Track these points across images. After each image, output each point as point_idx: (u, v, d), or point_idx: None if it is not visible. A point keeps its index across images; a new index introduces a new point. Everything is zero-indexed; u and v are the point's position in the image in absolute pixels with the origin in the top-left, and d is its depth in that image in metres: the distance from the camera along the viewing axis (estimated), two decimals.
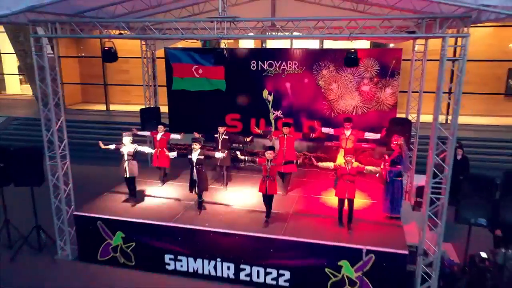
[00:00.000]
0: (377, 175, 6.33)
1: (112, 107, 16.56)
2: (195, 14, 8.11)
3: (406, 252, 5.37)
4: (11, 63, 21.32)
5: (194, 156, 6.48)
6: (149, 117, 8.64)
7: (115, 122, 14.31)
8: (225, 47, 6.89)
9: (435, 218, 5.36)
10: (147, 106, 9.16)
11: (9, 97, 20.63)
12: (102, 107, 16.77)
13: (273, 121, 8.86)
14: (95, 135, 11.85)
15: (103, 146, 6.86)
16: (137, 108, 15.08)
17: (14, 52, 17.66)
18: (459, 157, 7.96)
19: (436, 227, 5.37)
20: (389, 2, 6.11)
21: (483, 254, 5.77)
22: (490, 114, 13.99)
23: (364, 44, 12.43)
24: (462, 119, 13.20)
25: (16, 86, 21.56)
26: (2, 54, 20.79)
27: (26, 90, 21.37)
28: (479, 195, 5.13)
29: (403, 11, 6.27)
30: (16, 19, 6.06)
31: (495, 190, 5.15)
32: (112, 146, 6.81)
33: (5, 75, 21.16)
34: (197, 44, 10.32)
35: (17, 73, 21.67)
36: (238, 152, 6.62)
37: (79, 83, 17.64)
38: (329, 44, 10.04)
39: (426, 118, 7.93)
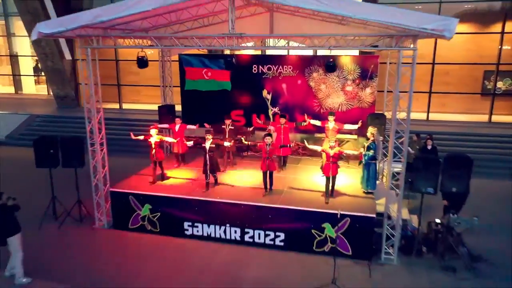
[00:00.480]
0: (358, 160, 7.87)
1: (125, 106, 18.09)
2: (205, 26, 9.62)
3: (373, 215, 6.90)
4: (27, 65, 22.86)
5: (207, 144, 8.00)
6: (165, 113, 10.16)
7: (128, 119, 15.82)
8: (233, 55, 8.35)
9: (395, 189, 6.90)
10: (163, 104, 10.69)
11: (25, 96, 22.11)
12: (116, 105, 18.29)
13: (271, 117, 10.37)
14: (113, 130, 13.39)
15: (134, 137, 8.38)
16: (147, 106, 16.66)
17: (34, 55, 19.29)
18: (429, 147, 9.37)
19: (398, 195, 6.91)
20: (361, 23, 7.63)
21: (437, 220, 7.31)
22: (469, 112, 15.48)
23: (352, 51, 13.96)
24: (444, 116, 14.87)
25: (31, 86, 23.04)
26: (18, 57, 22.35)
27: (41, 90, 22.91)
28: (428, 171, 6.67)
29: (371, 29, 7.79)
30: (65, 34, 7.56)
31: (439, 168, 6.69)
32: (141, 137, 8.34)
33: (21, 76, 22.67)
34: (205, 51, 11.80)
35: (32, 74, 23.24)
36: (242, 138, 8.16)
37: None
38: (321, 51, 11.54)
39: (404, 115, 9.43)
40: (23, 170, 11.24)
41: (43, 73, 22.24)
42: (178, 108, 10.97)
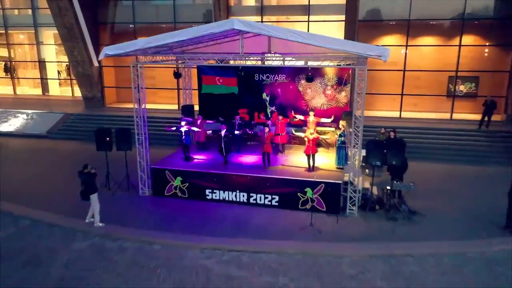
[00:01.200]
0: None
1: (149, 106, 20.94)
2: (218, 43, 12.51)
3: (340, 182, 9.86)
4: (53, 70, 25.76)
5: (223, 133, 10.97)
6: (187, 110, 13.11)
7: (149, 117, 18.70)
8: (241, 68, 11.18)
9: (354, 162, 9.87)
10: (184, 104, 13.64)
11: (52, 98, 25.02)
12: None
13: (269, 114, 13.29)
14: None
15: (168, 129, 11.35)
16: (162, 106, 19.47)
17: (59, 61, 22.24)
18: (392, 137, 12.28)
19: (360, 170, 9.88)
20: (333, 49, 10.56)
21: (388, 186, 10.26)
22: (435, 111, 18.45)
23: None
24: (416, 115, 17.74)
25: (56, 89, 25.94)
26: (46, 63, 25.24)
27: (64, 92, 25.78)
28: (378, 149, 9.63)
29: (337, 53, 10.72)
30: (123, 55, 10.49)
31: (384, 147, 9.66)
32: (174, 128, 11.30)
33: (48, 80, 25.58)
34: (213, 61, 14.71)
35: (57, 78, 26.13)
36: (247, 129, 11.15)
37: (116, 87, 22.09)
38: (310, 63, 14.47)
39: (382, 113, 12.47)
40: (69, 156, 14.22)
41: (67, 77, 25.29)
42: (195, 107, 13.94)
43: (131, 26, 20.61)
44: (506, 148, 14.68)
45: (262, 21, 18.92)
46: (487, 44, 17.55)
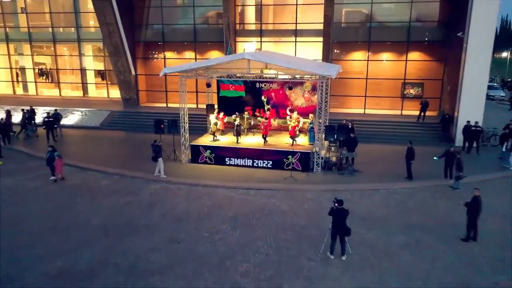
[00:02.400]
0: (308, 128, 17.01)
1: (170, 105, 27.06)
2: (232, 62, 18.53)
3: (310, 151, 16.00)
4: (91, 76, 31.77)
5: (236, 122, 17.10)
6: (210, 108, 19.18)
7: (174, 114, 24.70)
8: (248, 81, 17.23)
9: (320, 141, 16.00)
10: (208, 103, 19.73)
11: (91, 99, 30.99)
12: (163, 104, 27.29)
13: (267, 111, 19.33)
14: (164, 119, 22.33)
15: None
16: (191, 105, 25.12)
17: (96, 68, 28.29)
18: (350, 126, 18.34)
19: (323, 145, 16.01)
20: (306, 70, 16.70)
21: (345, 155, 16.35)
22: (392, 108, 24.50)
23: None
24: (376, 111, 23.74)
25: (94, 91, 31.94)
26: (86, 70, 31.24)
27: (100, 94, 31.77)
28: (332, 131, 15.77)
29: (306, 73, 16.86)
30: (176, 73, 16.55)
31: (335, 130, 15.80)
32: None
33: (88, 84, 31.58)
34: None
35: (94, 82, 32.12)
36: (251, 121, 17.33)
37: (149, 90, 28.12)
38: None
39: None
40: (122, 140, 20.36)
41: (104, 82, 31.27)
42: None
43: (160, 43, 26.69)
44: (434, 134, 20.82)
45: (261, 41, 25.08)
46: (427, 59, 23.66)
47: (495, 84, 39.80)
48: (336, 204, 9.74)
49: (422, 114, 22.06)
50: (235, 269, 9.49)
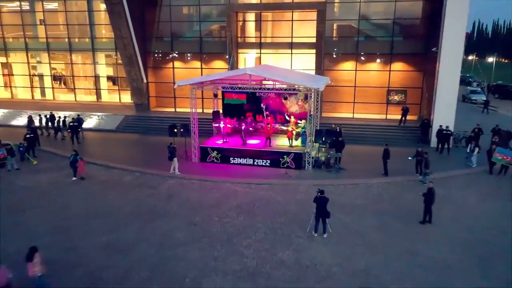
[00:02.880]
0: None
1: (178, 109, 29.82)
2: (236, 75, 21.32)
3: (302, 152, 18.79)
4: (104, 81, 34.52)
5: (242, 127, 19.89)
6: (216, 114, 21.95)
7: (182, 118, 27.48)
8: (250, 91, 20.01)
9: (311, 143, 18.80)
10: (214, 109, 22.49)
11: (103, 103, 33.73)
12: (171, 109, 30.05)
13: (266, 116, 22.10)
14: (174, 123, 25.09)
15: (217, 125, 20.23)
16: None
17: (108, 75, 31.07)
18: (337, 130, 21.17)
19: (313, 146, 18.80)
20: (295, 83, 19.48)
21: (332, 155, 19.15)
22: (378, 113, 27.30)
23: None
24: (365, 116, 26.61)
25: (106, 96, 34.69)
26: (100, 77, 33.99)
27: (112, 99, 34.48)
28: (320, 134, 18.55)
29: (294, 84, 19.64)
30: (188, 85, 19.34)
31: (324, 133, 18.58)
32: (217, 124, 20.21)
33: (101, 90, 34.33)
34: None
35: (107, 88, 34.84)
36: (253, 124, 20.12)
37: (159, 96, 30.89)
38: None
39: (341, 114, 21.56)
40: (137, 142, 23.14)
41: (116, 87, 33.95)
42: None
43: (169, 54, 29.46)
44: (413, 137, 23.58)
45: (260, 52, 27.89)
46: (409, 70, 26.45)
47: (478, 89, 42.55)
48: (318, 193, 12.54)
49: (403, 118, 24.87)
50: (240, 243, 12.27)
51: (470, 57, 74.98)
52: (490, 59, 61.81)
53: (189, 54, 29.37)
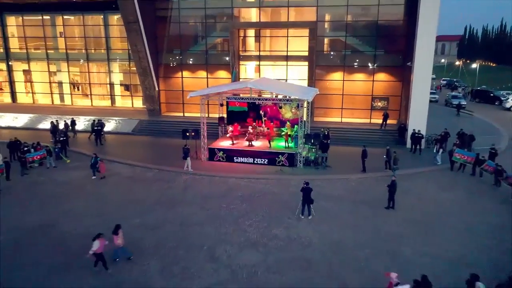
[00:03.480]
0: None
1: (186, 114, 33.41)
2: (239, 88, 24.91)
3: (294, 152, 22.43)
4: (117, 88, 38.13)
5: (248, 131, 23.54)
6: (221, 120, 25.56)
7: (190, 122, 31.08)
8: (251, 102, 23.63)
9: (302, 144, 22.44)
10: (219, 115, 26.11)
11: (118, 108, 37.31)
12: (180, 114, 33.63)
13: (264, 122, 25.70)
14: (183, 126, 28.69)
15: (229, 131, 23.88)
16: (197, 114, 31.48)
17: (122, 83, 34.70)
18: (326, 133, 24.80)
19: (304, 147, 22.43)
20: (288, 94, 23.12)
21: (320, 155, 22.78)
22: (363, 118, 30.93)
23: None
24: (352, 120, 30.52)
25: (120, 101, 38.31)
26: (114, 85, 37.58)
27: (126, 104, 38.07)
28: (309, 137, 22.18)
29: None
30: (198, 96, 22.96)
31: (312, 136, 22.21)
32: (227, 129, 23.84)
33: (115, 96, 37.92)
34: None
35: (120, 94, 38.45)
36: (252, 130, 23.79)
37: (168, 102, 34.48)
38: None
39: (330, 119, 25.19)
40: (152, 143, 26.73)
41: (129, 94, 37.52)
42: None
43: (178, 65, 33.05)
44: (392, 139, 27.18)
45: (259, 64, 31.50)
46: (390, 80, 30.06)
47: (459, 94, 46.20)
48: (305, 184, 16.16)
49: (384, 123, 28.51)
50: (244, 223, 15.86)
51: (457, 63, 78.56)
52: (474, 65, 65.44)
53: (196, 65, 32.95)
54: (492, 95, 45.60)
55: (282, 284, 11.97)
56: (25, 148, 22.57)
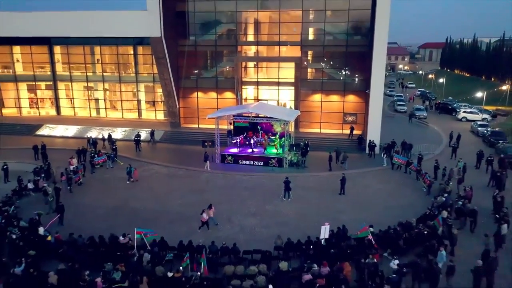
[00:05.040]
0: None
1: (200, 126, 42.71)
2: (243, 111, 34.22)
3: (281, 157, 31.83)
4: (143, 104, 47.42)
5: (252, 141, 32.95)
6: (229, 132, 34.94)
7: (204, 132, 40.35)
8: (251, 119, 32.92)
9: (288, 151, 31.85)
10: (228, 129, 35.48)
11: (143, 120, 46.58)
12: (195, 125, 42.92)
13: (260, 134, 35.01)
14: (200, 136, 37.98)
15: (233, 141, 33.26)
16: (211, 126, 40.96)
17: (146, 100, 44.18)
18: (306, 142, 34.22)
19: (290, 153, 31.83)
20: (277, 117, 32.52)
21: (300, 158, 32.16)
22: (337, 129, 40.26)
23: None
24: (329, 131, 40.00)
25: (145, 114, 47.60)
26: (141, 101, 46.88)
27: (150, 116, 47.35)
28: (292, 146, 31.54)
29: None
30: (215, 117, 32.35)
31: (294, 145, 31.59)
32: (234, 140, 33.23)
33: (142, 110, 47.20)
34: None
35: (145, 108, 47.71)
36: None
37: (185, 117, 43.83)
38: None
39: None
40: (176, 149, 36.20)
41: (152, 107, 46.76)
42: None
43: (194, 88, 42.41)
44: (356, 146, 36.54)
45: (257, 88, 40.90)
46: (357, 101, 39.42)
47: (422, 106, 55.46)
48: (286, 178, 25.56)
49: (351, 134, 37.90)
50: (247, 203, 25.18)
51: (430, 76, 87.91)
52: (441, 80, 74.61)
53: (208, 88, 42.33)
54: (450, 107, 54.88)
55: (269, 234, 21.28)
56: (92, 155, 31.91)
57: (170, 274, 16.00)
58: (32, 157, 33.74)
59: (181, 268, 16.36)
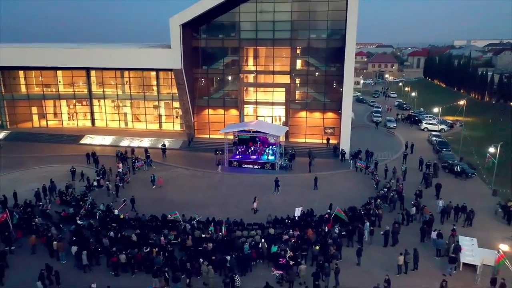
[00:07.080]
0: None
1: (211, 136, 53.56)
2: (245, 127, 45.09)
3: (275, 162, 42.82)
4: (163, 117, 58.26)
5: (252, 149, 43.88)
6: (235, 143, 45.81)
7: (214, 142, 51.17)
8: (251, 134, 43.80)
9: (279, 158, 42.82)
10: (234, 141, 46.38)
11: (164, 130, 57.42)
12: (207, 135, 53.77)
13: (258, 144, 45.85)
14: (210, 145, 48.85)
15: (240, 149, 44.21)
16: (221, 136, 52.16)
17: (163, 114, 55.22)
18: (293, 151, 45.19)
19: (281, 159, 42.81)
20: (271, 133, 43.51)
21: (288, 163, 43.12)
22: (319, 139, 51.18)
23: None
24: (313, 141, 51.84)
25: (165, 126, 58.45)
26: (162, 116, 57.73)
27: (168, 127, 58.19)
28: (282, 154, 42.48)
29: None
30: (223, 132, 43.32)
31: (284, 153, 42.54)
32: (239, 150, 44.18)
33: (162, 122, 58.03)
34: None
35: (164, 121, 58.65)
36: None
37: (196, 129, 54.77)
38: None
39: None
40: (194, 156, 47.26)
41: (171, 120, 57.53)
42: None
43: (206, 106, 53.29)
44: (331, 154, 47.46)
45: (256, 107, 51.88)
46: (332, 118, 50.30)
47: (392, 118, 66.26)
48: (276, 178, 36.58)
49: (328, 143, 48.87)
50: (249, 194, 36.05)
51: (406, 88, 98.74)
52: (413, 94, 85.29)
53: (217, 106, 53.24)
54: (417, 118, 65.75)
55: (264, 214, 32.05)
56: (133, 160, 42.87)
57: (203, 235, 26.96)
58: (84, 162, 44.64)
59: (209, 231, 27.34)
